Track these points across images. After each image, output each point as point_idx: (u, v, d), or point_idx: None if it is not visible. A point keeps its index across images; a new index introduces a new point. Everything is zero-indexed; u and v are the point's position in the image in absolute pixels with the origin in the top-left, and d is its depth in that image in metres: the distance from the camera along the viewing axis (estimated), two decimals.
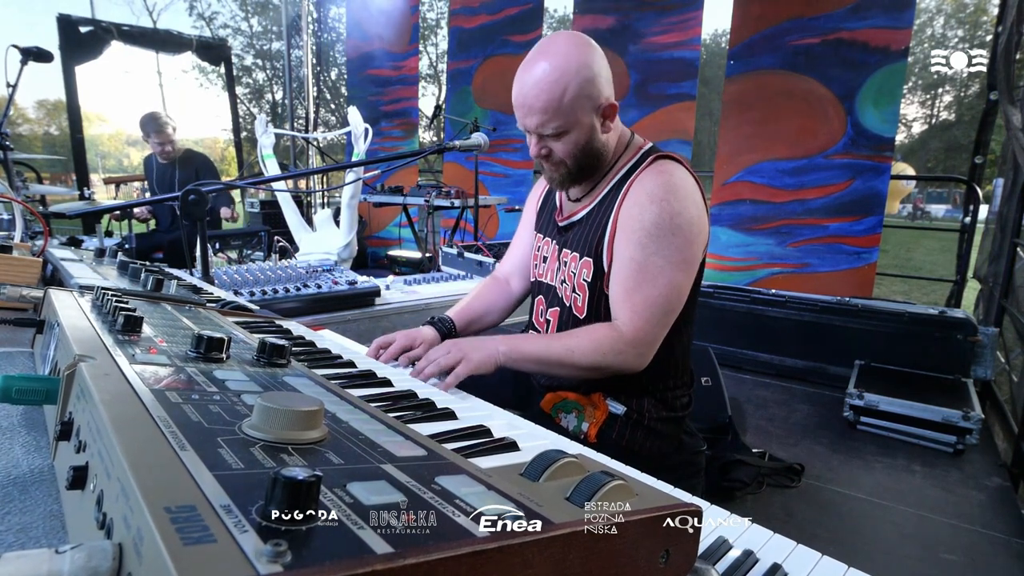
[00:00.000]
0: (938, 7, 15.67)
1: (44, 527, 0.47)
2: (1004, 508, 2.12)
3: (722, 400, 2.32)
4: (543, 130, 1.11)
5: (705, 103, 8.50)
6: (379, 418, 0.53)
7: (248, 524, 0.28)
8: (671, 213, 1.07)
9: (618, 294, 1.11)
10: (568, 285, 1.22)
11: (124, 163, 21.19)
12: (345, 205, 2.91)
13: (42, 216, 1.66)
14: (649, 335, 1.08)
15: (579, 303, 1.20)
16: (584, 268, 1.18)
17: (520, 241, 1.47)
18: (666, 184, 1.09)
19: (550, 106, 1.07)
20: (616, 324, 1.09)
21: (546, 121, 1.09)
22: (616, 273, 1.12)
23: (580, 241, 1.20)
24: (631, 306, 1.08)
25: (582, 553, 0.35)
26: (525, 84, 1.10)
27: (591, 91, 1.09)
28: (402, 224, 5.93)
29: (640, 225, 1.08)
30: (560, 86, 1.06)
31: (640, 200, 1.10)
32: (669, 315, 1.10)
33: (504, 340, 1.08)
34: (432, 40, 12.74)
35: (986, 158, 3.82)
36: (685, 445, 1.23)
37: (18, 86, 2.69)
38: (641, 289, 1.08)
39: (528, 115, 1.11)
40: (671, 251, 1.07)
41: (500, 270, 1.51)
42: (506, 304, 1.44)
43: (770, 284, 3.96)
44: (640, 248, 1.08)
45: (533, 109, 1.09)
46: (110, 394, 0.44)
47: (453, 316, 1.33)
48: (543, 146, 1.14)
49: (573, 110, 1.08)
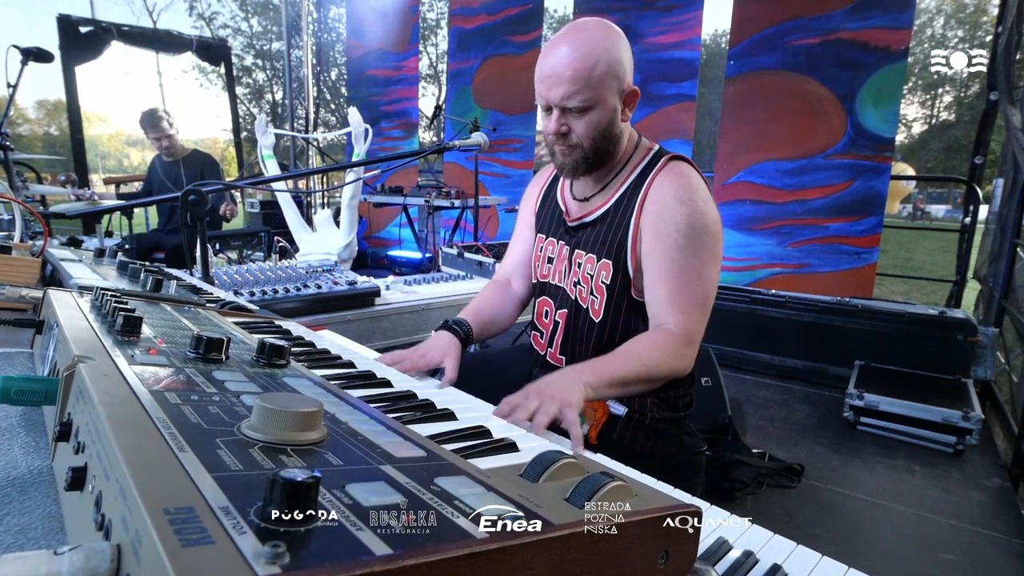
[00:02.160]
0: (938, 7, 15.68)
1: (43, 528, 0.47)
2: (1004, 508, 2.12)
3: (722, 400, 2.32)
4: (568, 102, 1.09)
5: (705, 103, 8.49)
6: (378, 419, 0.53)
7: (247, 525, 0.28)
8: (700, 213, 1.08)
9: (662, 297, 1.10)
10: (584, 287, 1.21)
11: (124, 163, 21.17)
12: (345, 205, 2.91)
13: (42, 216, 1.66)
14: (697, 332, 1.09)
15: (596, 305, 1.19)
16: (603, 270, 1.17)
17: (519, 242, 1.45)
18: (688, 185, 1.11)
19: (580, 76, 1.06)
20: (668, 328, 1.08)
21: (574, 92, 1.07)
22: (656, 277, 1.10)
23: (596, 242, 1.19)
24: (680, 307, 1.08)
25: (582, 554, 0.35)
26: (554, 56, 1.08)
27: (619, 71, 1.09)
28: (402, 224, 5.94)
29: (674, 228, 1.08)
30: (592, 58, 1.06)
31: (668, 203, 1.10)
32: (709, 311, 1.12)
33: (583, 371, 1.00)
34: (432, 40, 12.74)
35: (986, 158, 3.82)
36: (685, 445, 1.23)
37: (18, 86, 2.69)
38: (687, 290, 1.08)
39: (555, 85, 1.08)
40: (705, 250, 1.09)
41: (501, 272, 1.49)
42: (513, 307, 1.43)
43: (770, 284, 3.96)
44: (679, 250, 1.08)
45: (562, 79, 1.07)
46: (109, 395, 0.43)
47: (469, 319, 1.28)
48: (563, 123, 1.12)
49: (601, 85, 1.08)
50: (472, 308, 1.35)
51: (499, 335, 1.42)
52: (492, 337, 1.39)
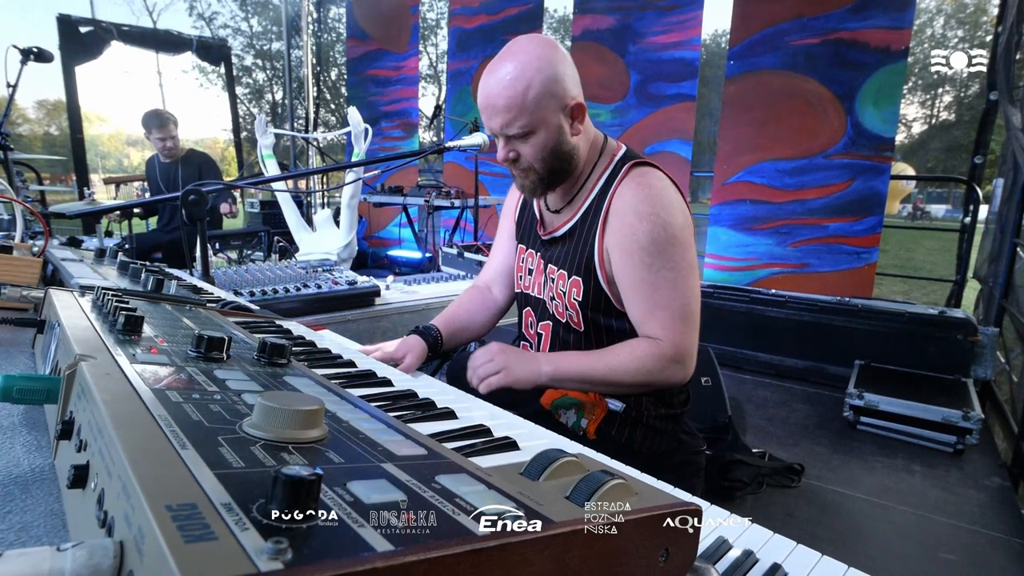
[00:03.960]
0: (938, 7, 15.66)
1: (45, 526, 0.47)
2: (1004, 508, 2.12)
3: (722, 400, 2.32)
4: (508, 130, 1.08)
5: (705, 103, 8.48)
6: (379, 417, 0.53)
7: (249, 522, 0.28)
8: (663, 225, 1.07)
9: (640, 314, 1.10)
10: (559, 302, 1.21)
11: (124, 163, 21.17)
12: (345, 205, 2.91)
13: (42, 216, 1.66)
14: (686, 345, 1.08)
15: (575, 319, 1.19)
16: (573, 287, 1.17)
17: (500, 250, 1.43)
18: (649, 197, 1.09)
19: (513, 103, 1.05)
20: (655, 340, 1.08)
21: (511, 120, 1.07)
22: (630, 297, 1.11)
23: (566, 259, 1.18)
24: (659, 323, 1.07)
25: (582, 552, 0.35)
26: (488, 84, 1.08)
27: (555, 89, 1.07)
28: (402, 224, 5.94)
29: (638, 245, 1.07)
30: (523, 82, 1.04)
31: (628, 220, 1.09)
32: (695, 319, 1.10)
33: (547, 359, 1.06)
34: (432, 40, 12.72)
35: (986, 158, 3.82)
36: (684, 444, 1.23)
37: (18, 86, 2.69)
38: (662, 305, 1.07)
39: (493, 115, 1.08)
40: (676, 261, 1.07)
41: (481, 278, 1.48)
42: (490, 314, 1.42)
43: (770, 284, 3.96)
44: (646, 268, 1.07)
45: (497, 108, 1.07)
46: (111, 393, 0.44)
47: (440, 325, 1.30)
48: (511, 149, 1.12)
49: (538, 108, 1.06)
50: (445, 314, 1.36)
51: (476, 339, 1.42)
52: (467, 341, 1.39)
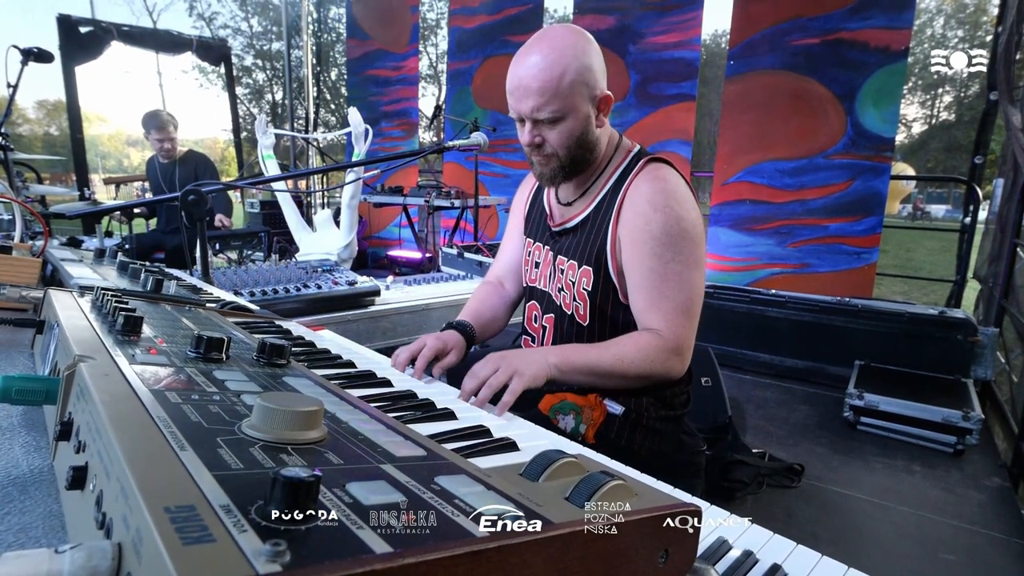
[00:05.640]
0: (938, 7, 15.67)
1: (44, 527, 0.47)
2: (1004, 508, 2.12)
3: (722, 400, 2.32)
4: (539, 114, 1.08)
5: (705, 103, 8.49)
6: (378, 418, 0.53)
7: (247, 524, 0.28)
8: (676, 219, 1.08)
9: (644, 305, 1.10)
10: (567, 293, 1.21)
11: (124, 163, 21.20)
12: (345, 205, 2.91)
13: (42, 216, 1.66)
14: (686, 339, 1.08)
15: (580, 311, 1.19)
16: (584, 277, 1.17)
17: (509, 244, 1.45)
18: (664, 190, 1.10)
19: (548, 87, 1.05)
20: (656, 332, 1.08)
21: (543, 104, 1.07)
22: (637, 285, 1.11)
23: (577, 249, 1.19)
24: (662, 315, 1.08)
25: (581, 553, 0.35)
26: (522, 67, 1.08)
27: (588, 78, 1.08)
28: (402, 224, 5.94)
29: (650, 235, 1.08)
30: (559, 68, 1.05)
31: (643, 209, 1.09)
32: (696, 315, 1.11)
33: (553, 352, 1.05)
34: (432, 40, 12.74)
35: (986, 158, 3.82)
36: (684, 445, 1.23)
37: (18, 86, 2.69)
38: (668, 297, 1.07)
39: (524, 98, 1.08)
40: (685, 255, 1.08)
41: (492, 274, 1.49)
42: (507, 307, 1.43)
43: (770, 284, 3.96)
44: (656, 258, 1.07)
45: (530, 91, 1.06)
46: (110, 394, 0.44)
47: (470, 319, 1.29)
48: (536, 134, 1.12)
49: (571, 94, 1.07)
50: (471, 310, 1.35)
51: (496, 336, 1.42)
52: (491, 338, 1.40)
